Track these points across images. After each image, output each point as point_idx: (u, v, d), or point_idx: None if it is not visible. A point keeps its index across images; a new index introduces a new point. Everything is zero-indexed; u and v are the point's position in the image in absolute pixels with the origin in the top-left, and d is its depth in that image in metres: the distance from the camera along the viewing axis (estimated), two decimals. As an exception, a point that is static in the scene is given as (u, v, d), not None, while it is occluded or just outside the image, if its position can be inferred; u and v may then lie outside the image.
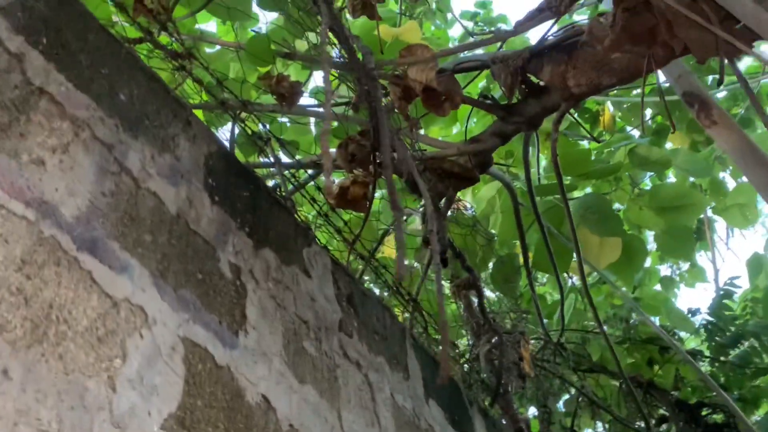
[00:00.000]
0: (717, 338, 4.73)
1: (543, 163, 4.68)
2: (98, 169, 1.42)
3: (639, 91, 5.26)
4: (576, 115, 4.82)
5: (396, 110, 2.32)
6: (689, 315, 5.00)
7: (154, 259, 1.46)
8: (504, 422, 3.30)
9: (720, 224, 6.70)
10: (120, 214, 1.42)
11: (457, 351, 3.90)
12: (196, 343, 1.48)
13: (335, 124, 3.75)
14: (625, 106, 5.61)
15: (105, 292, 1.30)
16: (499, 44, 3.33)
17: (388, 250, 4.15)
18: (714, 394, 4.42)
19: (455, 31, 6.72)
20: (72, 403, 1.12)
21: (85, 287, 1.26)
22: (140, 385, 1.28)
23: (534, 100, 2.38)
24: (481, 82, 4.85)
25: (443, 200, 2.67)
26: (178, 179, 1.66)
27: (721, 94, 5.42)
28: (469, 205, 4.32)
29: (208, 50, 3.71)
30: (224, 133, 3.15)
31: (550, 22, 2.36)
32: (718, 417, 4.58)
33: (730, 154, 2.53)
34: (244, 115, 2.65)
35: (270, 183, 2.72)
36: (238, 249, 1.79)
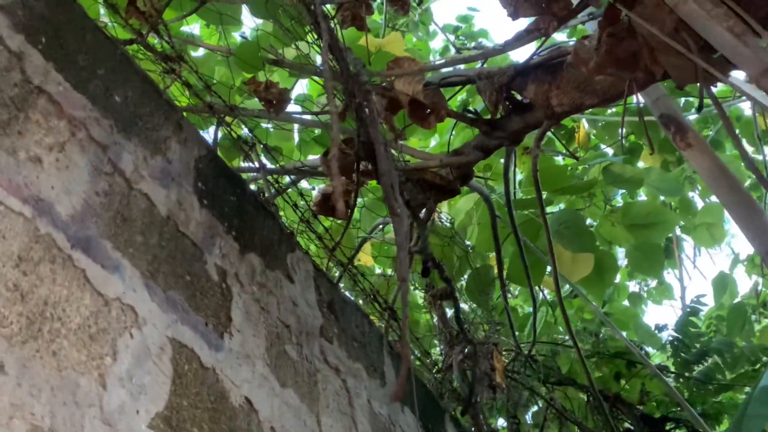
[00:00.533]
0: (682, 354, 4.84)
1: (518, 177, 4.76)
2: (93, 168, 1.43)
3: (614, 110, 5.39)
4: (553, 132, 4.91)
5: (381, 121, 2.36)
6: (656, 331, 5.12)
7: (144, 259, 1.48)
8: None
9: (688, 243, 6.86)
10: (112, 214, 1.44)
11: (429, 360, 3.94)
12: (184, 344, 1.49)
13: (317, 131, 3.79)
14: (600, 124, 5.73)
15: (97, 290, 1.31)
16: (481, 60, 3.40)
17: (365, 257, 4.19)
18: (678, 409, 4.53)
19: (436, 44, 6.82)
20: (64, 399, 1.14)
21: (79, 285, 1.28)
22: (129, 383, 1.29)
23: (517, 116, 2.43)
24: (460, 97, 4.93)
25: (424, 210, 2.72)
26: (169, 182, 1.68)
27: (692, 117, 5.57)
28: (445, 217, 4.38)
29: (192, 53, 3.73)
30: (206, 136, 3.16)
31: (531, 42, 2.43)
32: (682, 431, 4.69)
33: (703, 175, 2.62)
34: (228, 119, 2.66)
35: (252, 187, 2.74)
36: (225, 252, 1.81)
